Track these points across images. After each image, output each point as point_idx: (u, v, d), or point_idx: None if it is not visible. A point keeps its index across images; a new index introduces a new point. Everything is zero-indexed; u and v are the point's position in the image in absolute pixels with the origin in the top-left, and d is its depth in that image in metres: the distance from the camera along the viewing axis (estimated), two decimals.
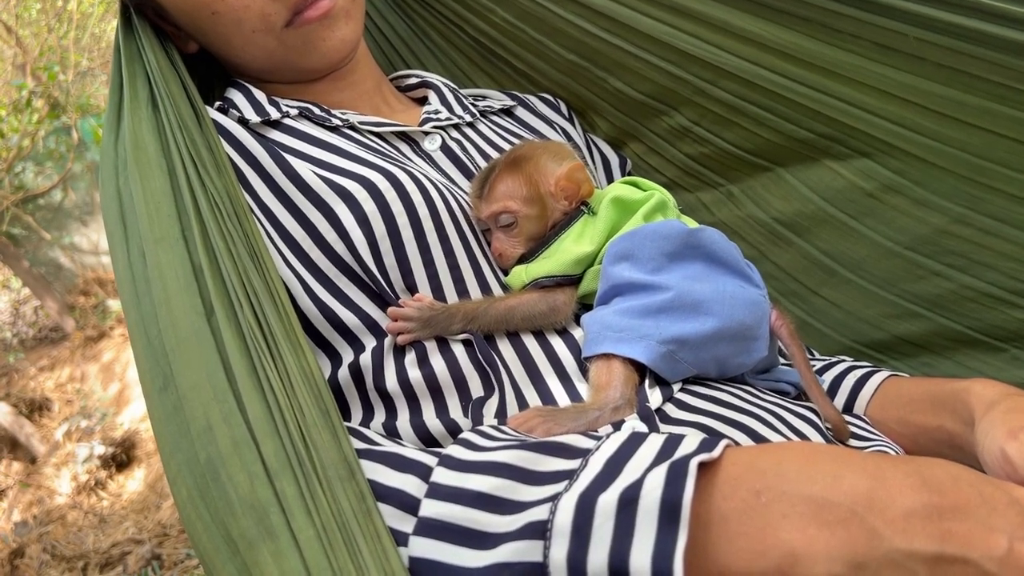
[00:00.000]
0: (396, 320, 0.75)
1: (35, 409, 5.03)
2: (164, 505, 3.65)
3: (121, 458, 4.21)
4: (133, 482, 4.09)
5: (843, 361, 0.96)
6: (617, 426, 0.66)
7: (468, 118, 0.99)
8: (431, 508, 0.55)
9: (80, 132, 5.60)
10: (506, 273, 0.84)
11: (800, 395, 0.80)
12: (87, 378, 5.38)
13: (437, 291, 0.79)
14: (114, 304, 5.97)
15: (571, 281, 0.80)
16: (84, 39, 6.09)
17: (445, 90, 1.04)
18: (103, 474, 4.10)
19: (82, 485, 4.04)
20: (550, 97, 1.15)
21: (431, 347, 0.75)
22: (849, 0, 0.83)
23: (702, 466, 0.50)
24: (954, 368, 0.96)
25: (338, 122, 0.90)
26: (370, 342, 0.78)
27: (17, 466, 4.51)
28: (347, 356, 0.79)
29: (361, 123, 0.91)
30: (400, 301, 0.77)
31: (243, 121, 0.87)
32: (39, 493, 4.16)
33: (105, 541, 3.42)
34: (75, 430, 4.55)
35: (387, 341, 0.76)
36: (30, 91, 5.15)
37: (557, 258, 0.79)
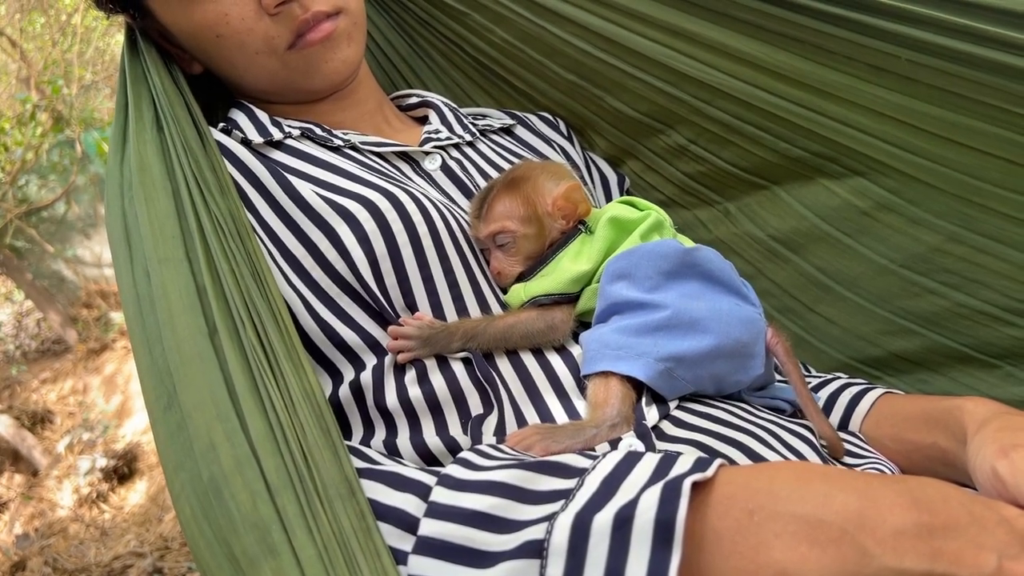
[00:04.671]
0: (396, 338, 0.77)
1: (37, 421, 5.03)
2: (166, 518, 3.65)
3: (123, 470, 4.21)
4: (135, 495, 4.09)
5: (839, 378, 0.97)
6: (614, 444, 0.67)
7: (468, 137, 1.00)
8: (430, 527, 0.56)
9: (83, 145, 5.62)
10: (505, 291, 0.85)
11: (796, 412, 0.81)
12: (89, 390, 5.38)
13: (436, 309, 0.80)
14: (117, 316, 5.98)
15: (569, 299, 0.81)
16: (88, 53, 6.12)
17: (445, 109, 1.05)
18: (105, 487, 4.09)
19: (84, 498, 4.03)
20: (549, 116, 1.16)
21: (431, 365, 0.76)
22: (842, 23, 0.84)
23: (696, 486, 0.51)
24: (949, 385, 0.97)
25: (340, 142, 0.91)
26: (370, 360, 0.79)
27: (19, 478, 4.51)
28: (348, 374, 0.80)
29: (362, 143, 0.92)
30: (400, 320, 0.78)
31: (246, 142, 0.88)
32: (41, 506, 4.16)
33: (107, 554, 3.41)
34: (77, 442, 4.55)
35: (387, 359, 0.77)
36: (34, 104, 5.17)
37: (555, 277, 0.80)
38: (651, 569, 0.46)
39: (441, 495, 0.58)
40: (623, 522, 0.49)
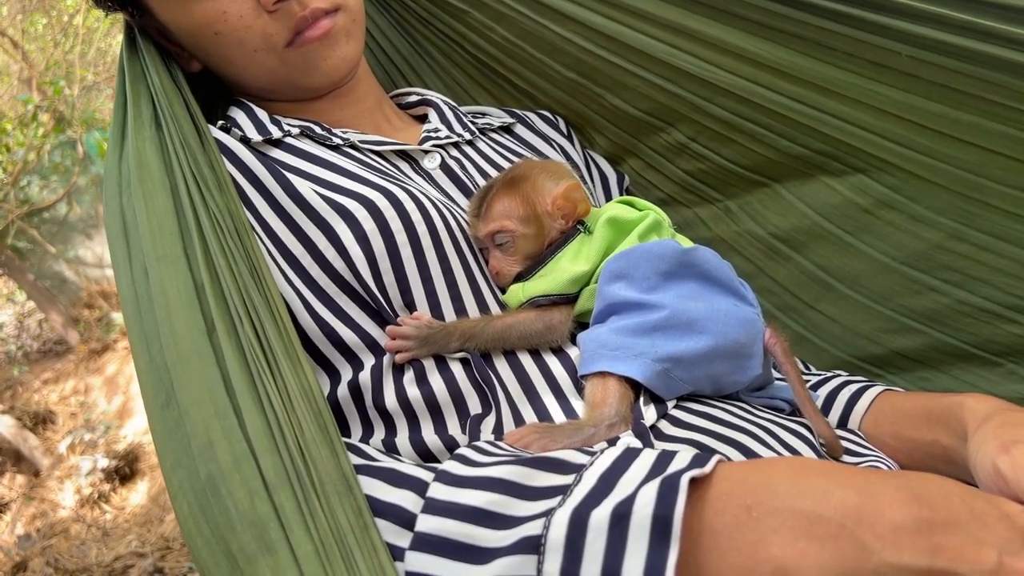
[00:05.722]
0: (394, 338, 0.76)
1: (39, 422, 5.03)
2: (167, 518, 3.65)
3: (124, 471, 4.21)
4: (136, 495, 4.09)
5: (838, 376, 0.97)
6: (612, 443, 0.67)
7: (467, 136, 1.00)
8: (427, 523, 0.56)
9: (85, 146, 5.62)
10: (503, 291, 0.84)
11: (794, 411, 0.81)
12: (91, 391, 5.38)
13: (435, 309, 0.80)
14: (118, 317, 5.98)
15: (567, 300, 0.80)
16: (90, 53, 6.12)
17: (445, 108, 1.05)
18: (106, 487, 4.10)
19: (85, 498, 4.04)
20: (549, 114, 1.16)
21: (429, 365, 0.76)
22: (843, 19, 0.84)
23: (694, 481, 0.50)
24: (950, 382, 0.97)
25: (339, 141, 0.91)
26: (369, 360, 0.79)
27: (21, 479, 4.52)
28: (346, 374, 0.80)
29: (361, 142, 0.92)
30: (398, 319, 0.78)
31: (245, 140, 0.88)
32: (42, 506, 4.16)
33: (108, 554, 3.42)
34: (79, 443, 4.55)
35: (386, 359, 0.77)
36: (36, 105, 5.18)
37: (553, 277, 0.80)
38: (648, 565, 0.46)
39: (438, 491, 0.58)
40: (620, 518, 0.48)
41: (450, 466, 0.60)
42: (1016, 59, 0.74)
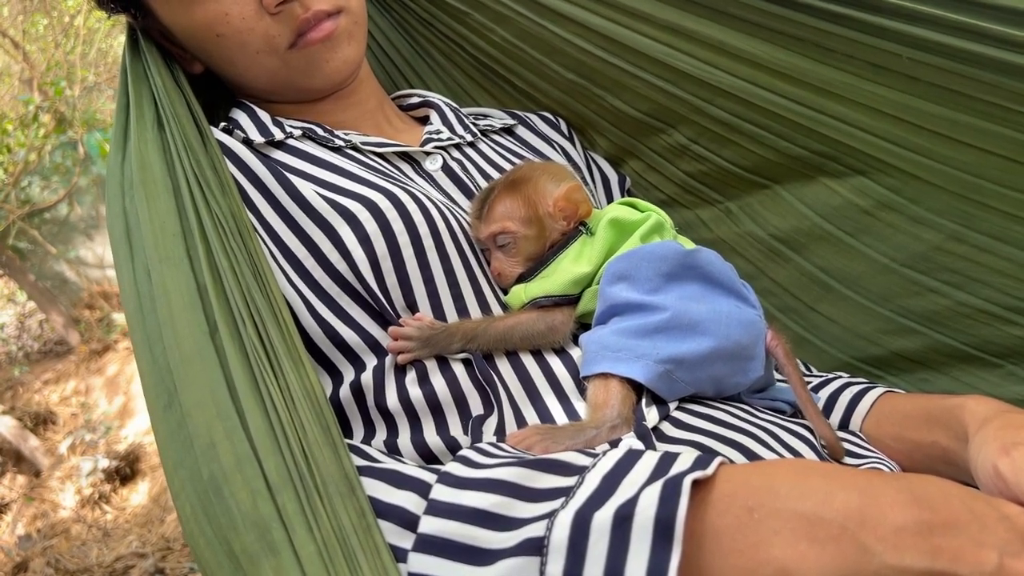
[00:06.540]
0: (396, 339, 0.77)
1: (40, 422, 5.03)
2: (168, 519, 3.65)
3: (125, 471, 4.21)
4: (137, 495, 4.09)
5: (839, 377, 0.97)
6: (614, 444, 0.67)
7: (469, 138, 1.00)
8: (430, 525, 0.56)
9: (86, 146, 5.62)
10: (505, 292, 0.85)
11: (796, 413, 0.81)
12: (92, 391, 5.38)
13: (437, 310, 0.80)
14: (119, 317, 5.98)
15: (569, 301, 0.81)
16: (91, 54, 6.12)
17: (446, 109, 1.05)
18: (107, 487, 4.09)
19: (86, 499, 4.04)
20: (550, 115, 1.16)
21: (431, 366, 0.77)
22: (843, 21, 0.84)
23: (696, 483, 0.50)
24: (951, 384, 0.97)
25: (341, 142, 0.91)
26: (371, 360, 0.79)
27: (21, 479, 4.51)
28: (348, 375, 0.80)
29: (363, 143, 0.92)
30: (400, 320, 0.78)
31: (247, 141, 0.88)
32: (43, 507, 4.16)
33: (109, 555, 3.42)
34: (79, 443, 4.55)
35: (388, 360, 0.78)
36: (37, 106, 5.17)
37: (555, 278, 0.80)
38: (651, 567, 0.46)
39: (441, 493, 0.58)
40: (623, 519, 0.49)
41: (453, 468, 0.60)
42: (1012, 60, 0.75)
